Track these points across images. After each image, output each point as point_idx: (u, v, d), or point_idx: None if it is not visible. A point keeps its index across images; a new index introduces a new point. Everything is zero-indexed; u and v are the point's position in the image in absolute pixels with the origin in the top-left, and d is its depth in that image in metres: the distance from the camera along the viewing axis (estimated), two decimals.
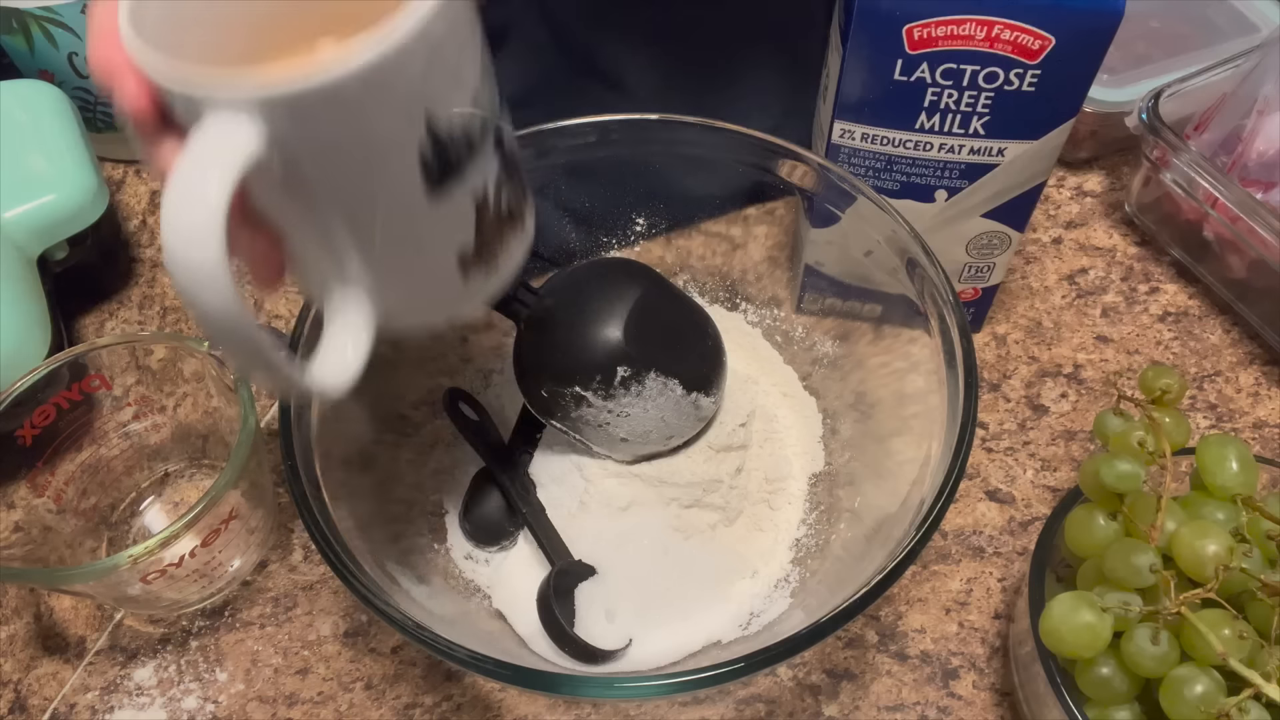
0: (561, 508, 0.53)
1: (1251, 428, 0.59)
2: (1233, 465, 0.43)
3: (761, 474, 0.54)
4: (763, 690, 0.50)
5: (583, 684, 0.39)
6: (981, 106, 0.49)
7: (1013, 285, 0.66)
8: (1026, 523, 0.56)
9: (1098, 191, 0.71)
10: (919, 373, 0.49)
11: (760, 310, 0.61)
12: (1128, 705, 0.41)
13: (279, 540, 0.56)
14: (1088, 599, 0.40)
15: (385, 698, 0.50)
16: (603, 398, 0.49)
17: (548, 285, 0.52)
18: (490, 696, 0.50)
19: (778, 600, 0.50)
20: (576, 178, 0.56)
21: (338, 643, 0.52)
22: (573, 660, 0.47)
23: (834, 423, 0.56)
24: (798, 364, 0.59)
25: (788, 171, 0.53)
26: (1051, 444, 0.59)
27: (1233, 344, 0.63)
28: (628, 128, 0.54)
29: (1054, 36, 0.45)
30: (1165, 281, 0.66)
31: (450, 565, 0.52)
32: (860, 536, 0.48)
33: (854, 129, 0.52)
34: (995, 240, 0.56)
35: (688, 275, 0.61)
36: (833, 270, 0.56)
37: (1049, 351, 0.63)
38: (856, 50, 0.48)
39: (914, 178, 0.53)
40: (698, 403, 0.51)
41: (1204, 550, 0.39)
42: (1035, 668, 0.43)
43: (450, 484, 0.55)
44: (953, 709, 0.50)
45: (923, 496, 0.43)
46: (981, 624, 0.52)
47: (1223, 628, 0.38)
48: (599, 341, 0.49)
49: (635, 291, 0.51)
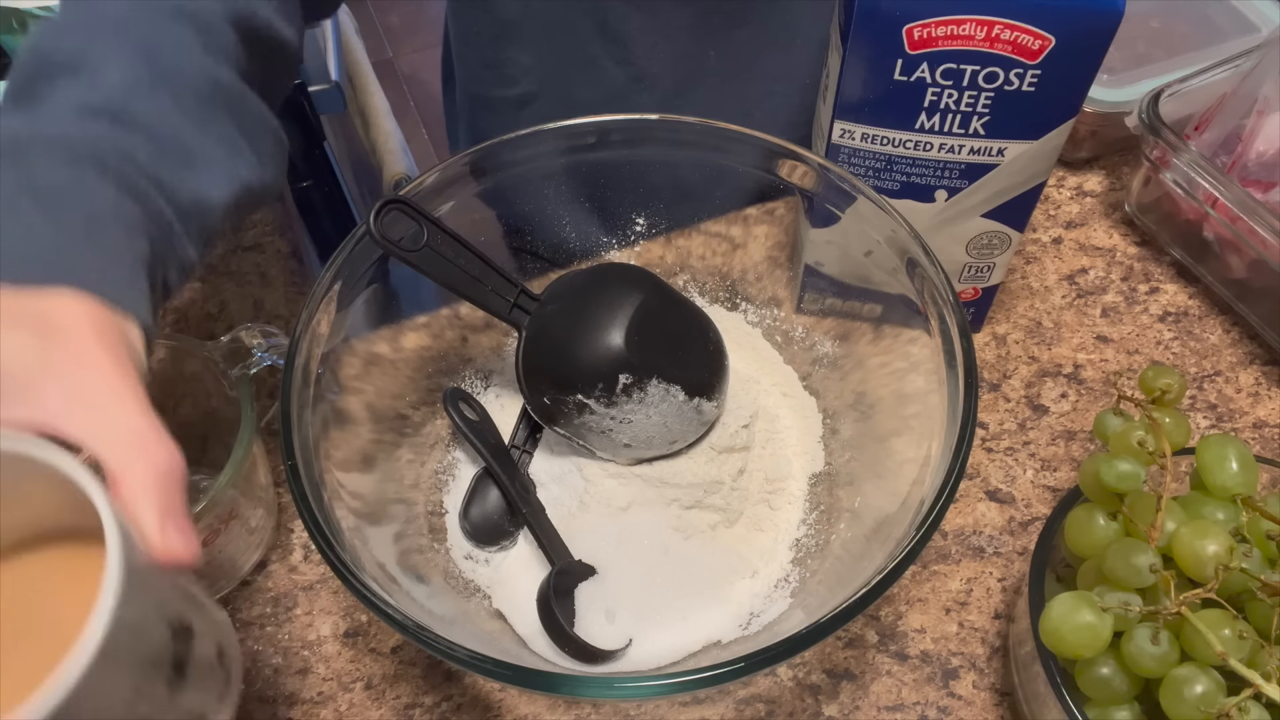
0: (561, 508, 0.53)
1: (1251, 428, 0.59)
2: (1233, 465, 0.43)
3: (762, 474, 0.54)
4: (763, 690, 0.50)
5: (583, 684, 0.39)
6: (981, 106, 0.49)
7: (1013, 285, 0.66)
8: (1026, 523, 0.56)
9: (1098, 191, 0.71)
10: (919, 373, 0.49)
11: (760, 310, 0.61)
12: (1128, 705, 0.41)
13: (279, 540, 0.56)
14: (1088, 599, 0.40)
15: (385, 698, 0.50)
16: (605, 405, 0.50)
17: (548, 291, 0.52)
18: (490, 696, 0.50)
19: (778, 600, 0.50)
20: (576, 178, 0.56)
21: (338, 643, 0.52)
22: (573, 660, 0.47)
23: (834, 423, 0.56)
24: (798, 364, 0.59)
25: (788, 171, 0.53)
26: (1051, 444, 0.59)
27: (1233, 344, 0.63)
28: (628, 128, 0.54)
29: (1054, 36, 0.45)
30: (1165, 281, 0.66)
31: (450, 565, 0.52)
32: (860, 536, 0.48)
33: (854, 129, 0.52)
34: (995, 240, 0.56)
35: (688, 275, 0.61)
36: (833, 270, 0.56)
37: (1049, 351, 0.63)
38: (856, 50, 0.48)
39: (914, 178, 0.53)
40: (700, 408, 0.51)
41: (1204, 550, 0.39)
42: (1035, 668, 0.43)
43: (450, 484, 0.55)
44: (953, 709, 0.50)
45: (923, 496, 0.43)
46: (981, 624, 0.52)
47: (1223, 628, 0.38)
48: (601, 349, 0.49)
49: (636, 298, 0.51)
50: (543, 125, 0.53)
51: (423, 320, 0.57)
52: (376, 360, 0.53)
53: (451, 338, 0.58)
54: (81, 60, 0.41)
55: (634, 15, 0.69)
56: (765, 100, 0.74)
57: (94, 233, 0.37)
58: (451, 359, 0.58)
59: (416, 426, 0.55)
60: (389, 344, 0.54)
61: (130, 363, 0.35)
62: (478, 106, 0.80)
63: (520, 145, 0.54)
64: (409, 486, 0.53)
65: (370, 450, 0.51)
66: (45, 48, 0.42)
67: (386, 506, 0.50)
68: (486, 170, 0.54)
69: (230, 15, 0.46)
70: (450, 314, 0.58)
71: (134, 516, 0.32)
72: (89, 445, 0.32)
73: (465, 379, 0.59)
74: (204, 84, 0.44)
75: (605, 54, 0.71)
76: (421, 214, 0.47)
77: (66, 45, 0.42)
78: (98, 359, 0.34)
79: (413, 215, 0.47)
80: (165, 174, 0.41)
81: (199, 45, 0.44)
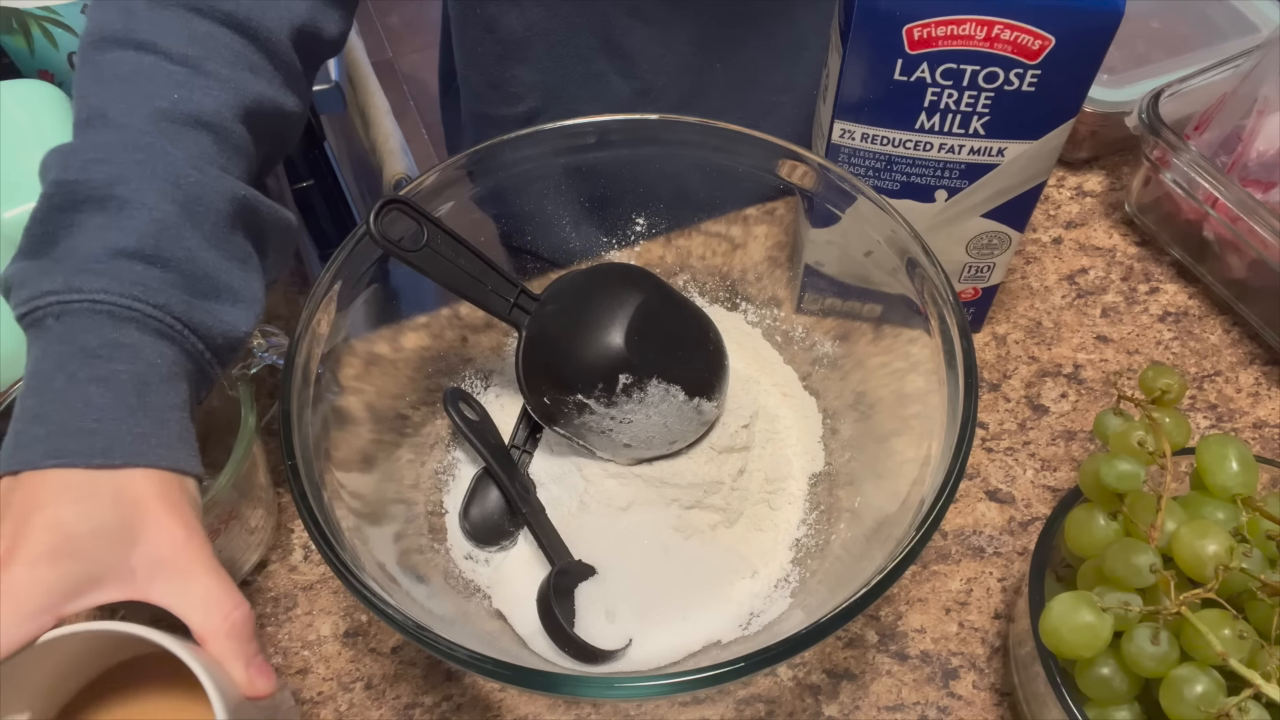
0: (561, 508, 0.53)
1: (1251, 428, 0.59)
2: (1233, 465, 0.43)
3: (762, 474, 0.54)
4: (763, 690, 0.50)
5: (583, 684, 0.39)
6: (981, 106, 0.49)
7: (1013, 285, 0.66)
8: (1026, 523, 0.56)
9: (1098, 191, 0.71)
10: (919, 373, 0.49)
11: (760, 310, 0.61)
12: (1128, 705, 0.41)
13: (279, 540, 0.56)
14: (1088, 599, 0.40)
15: (385, 698, 0.50)
16: (605, 405, 0.50)
17: (548, 291, 0.52)
18: (490, 696, 0.50)
19: (778, 600, 0.50)
20: (576, 178, 0.56)
21: (338, 643, 0.52)
22: (573, 660, 0.47)
23: (834, 423, 0.56)
24: (798, 364, 0.59)
25: (788, 171, 0.53)
26: (1051, 444, 0.59)
27: (1233, 344, 0.63)
28: (627, 128, 0.54)
29: (1054, 36, 0.45)
30: (1165, 281, 0.66)
31: (450, 565, 0.52)
32: (860, 536, 0.48)
33: (854, 129, 0.52)
34: (995, 240, 0.56)
35: (688, 275, 0.61)
36: (833, 270, 0.56)
37: (1049, 351, 0.63)
38: (856, 50, 0.48)
39: (914, 178, 0.53)
40: (700, 408, 0.51)
41: (1204, 550, 0.39)
42: (1035, 668, 0.43)
43: (450, 484, 0.55)
44: (953, 709, 0.50)
45: (923, 496, 0.43)
46: (981, 624, 0.52)
47: (1223, 628, 0.38)
48: (601, 350, 0.49)
49: (636, 298, 0.51)
50: (542, 125, 0.53)
51: (423, 320, 0.57)
52: (376, 360, 0.53)
53: (451, 338, 0.58)
54: (108, 195, 0.42)
55: (639, 29, 0.69)
56: (771, 112, 0.74)
57: (145, 395, 0.40)
58: (451, 359, 0.58)
59: (416, 426, 0.55)
60: (389, 344, 0.54)
61: (195, 520, 0.40)
62: (483, 125, 0.80)
63: (520, 145, 0.54)
64: (409, 486, 0.53)
65: (370, 450, 0.51)
66: (70, 180, 0.42)
67: (386, 506, 0.50)
68: (487, 170, 0.54)
69: (239, 110, 0.47)
70: (450, 314, 0.58)
71: (224, 667, 0.38)
72: (173, 611, 0.38)
73: (465, 379, 0.59)
74: (225, 205, 0.45)
75: (610, 69, 0.71)
76: (421, 214, 0.47)
77: (94, 178, 0.42)
78: (171, 529, 0.39)
79: (413, 215, 0.47)
80: (198, 315, 0.43)
81: (219, 159, 0.46)
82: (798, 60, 0.72)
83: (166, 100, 0.45)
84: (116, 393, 0.40)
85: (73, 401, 0.39)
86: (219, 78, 0.47)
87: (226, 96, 0.47)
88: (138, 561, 0.38)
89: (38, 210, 0.43)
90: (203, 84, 0.46)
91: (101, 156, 0.43)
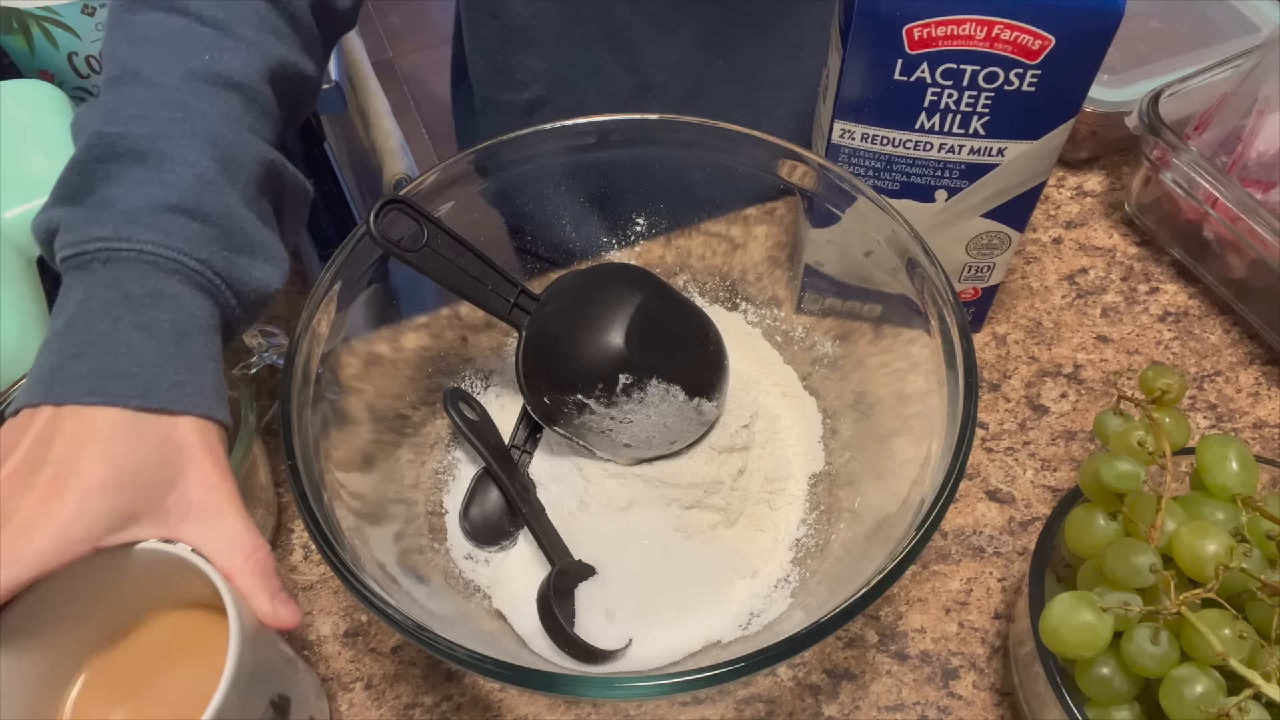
0: (561, 508, 0.53)
1: (1251, 428, 0.59)
2: (1233, 465, 0.43)
3: (762, 474, 0.54)
4: (763, 690, 0.50)
5: (583, 684, 0.39)
6: (981, 106, 0.49)
7: (1013, 285, 0.66)
8: (1026, 523, 0.56)
9: (1098, 191, 0.71)
10: (919, 373, 0.49)
11: (760, 310, 0.61)
12: (1128, 705, 0.41)
13: (279, 540, 0.56)
14: (1088, 599, 0.40)
15: (385, 698, 0.50)
16: (605, 405, 0.50)
17: (548, 291, 0.52)
18: (490, 696, 0.50)
19: (778, 600, 0.50)
20: (576, 178, 0.56)
21: (338, 643, 0.52)
22: (573, 660, 0.47)
23: (834, 423, 0.56)
24: (798, 364, 0.59)
25: (788, 171, 0.53)
26: (1051, 444, 0.59)
27: (1233, 344, 0.63)
28: (628, 128, 0.54)
29: (1054, 36, 0.45)
30: (1165, 281, 0.66)
31: (450, 565, 0.52)
32: (860, 536, 0.48)
33: (854, 129, 0.52)
34: (995, 240, 0.56)
35: (688, 275, 0.61)
36: (833, 270, 0.56)
37: (1049, 351, 0.63)
38: (856, 50, 0.48)
39: (914, 178, 0.53)
40: (700, 408, 0.51)
41: (1204, 550, 0.39)
42: (1035, 668, 0.43)
43: (450, 484, 0.55)
44: (953, 709, 0.50)
45: (923, 496, 0.43)
46: (981, 624, 0.52)
47: (1223, 628, 0.38)
48: (601, 350, 0.49)
49: (636, 298, 0.51)
50: (543, 125, 0.53)
51: (423, 320, 0.57)
52: (376, 360, 0.53)
53: (451, 338, 0.58)
54: (150, 149, 0.44)
55: (642, 25, 0.69)
56: (773, 108, 0.74)
57: (183, 344, 0.42)
58: (451, 359, 0.58)
59: (416, 426, 0.55)
60: (389, 344, 0.54)
61: (227, 466, 0.42)
62: (490, 109, 0.80)
63: (520, 145, 0.54)
64: (409, 486, 0.53)
65: (370, 450, 0.51)
66: (113, 133, 0.44)
67: (386, 506, 0.50)
68: (487, 170, 0.54)
69: (266, 72, 0.48)
70: (450, 314, 0.58)
71: (249, 601, 0.40)
72: (201, 550, 0.40)
73: (465, 379, 0.59)
74: (256, 166, 0.46)
75: (614, 62, 0.71)
76: (421, 214, 0.47)
77: (136, 132, 0.44)
78: (207, 474, 0.41)
79: (413, 215, 0.47)
80: (236, 271, 0.44)
81: (249, 120, 0.47)
82: (799, 57, 0.72)
83: (198, 61, 0.46)
84: (158, 340, 0.41)
85: (116, 345, 0.40)
86: (246, 40, 0.48)
87: (254, 58, 0.48)
88: (173, 502, 0.40)
89: (75, 160, 0.44)
90: (231, 45, 0.47)
91: (141, 113, 0.44)
